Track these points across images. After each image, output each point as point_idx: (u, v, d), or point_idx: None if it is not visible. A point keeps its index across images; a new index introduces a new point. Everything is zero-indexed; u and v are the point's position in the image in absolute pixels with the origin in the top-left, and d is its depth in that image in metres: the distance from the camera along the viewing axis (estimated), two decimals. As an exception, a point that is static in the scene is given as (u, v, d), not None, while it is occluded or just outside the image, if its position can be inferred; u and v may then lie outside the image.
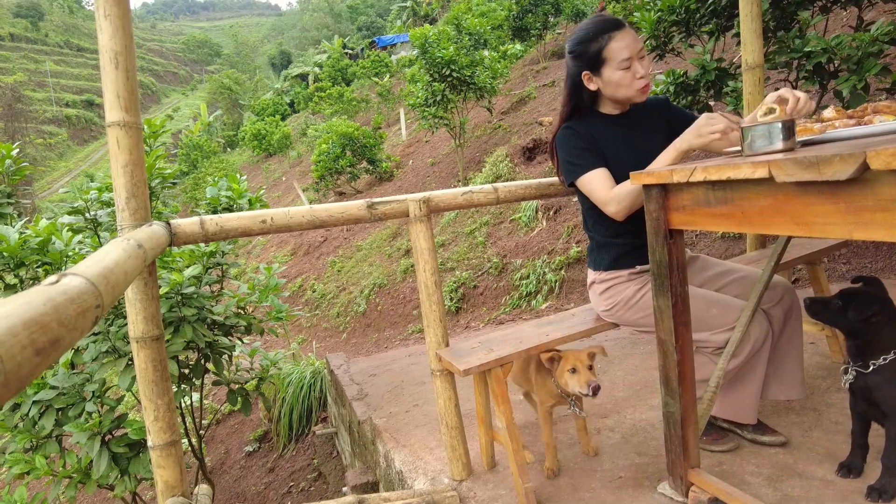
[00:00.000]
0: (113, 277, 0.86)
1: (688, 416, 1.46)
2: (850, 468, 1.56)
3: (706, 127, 1.48)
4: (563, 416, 2.33)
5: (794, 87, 3.61)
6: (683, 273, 1.41)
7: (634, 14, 4.06)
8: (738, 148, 1.37)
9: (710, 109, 3.87)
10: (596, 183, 1.69)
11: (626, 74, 1.70)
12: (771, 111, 1.38)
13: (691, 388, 1.46)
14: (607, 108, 1.83)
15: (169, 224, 1.66)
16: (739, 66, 2.94)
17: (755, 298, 1.60)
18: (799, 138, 1.31)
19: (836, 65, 3.14)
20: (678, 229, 1.37)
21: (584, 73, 1.76)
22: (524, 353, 1.79)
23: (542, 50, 14.09)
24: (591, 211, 1.85)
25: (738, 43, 2.83)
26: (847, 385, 1.50)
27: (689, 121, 1.88)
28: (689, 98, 3.78)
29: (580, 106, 1.82)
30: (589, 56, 1.72)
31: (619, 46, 1.67)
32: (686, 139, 1.52)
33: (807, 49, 3.08)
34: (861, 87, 2.91)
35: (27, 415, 2.36)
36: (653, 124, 1.83)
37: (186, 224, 1.69)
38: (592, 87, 1.77)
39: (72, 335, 0.61)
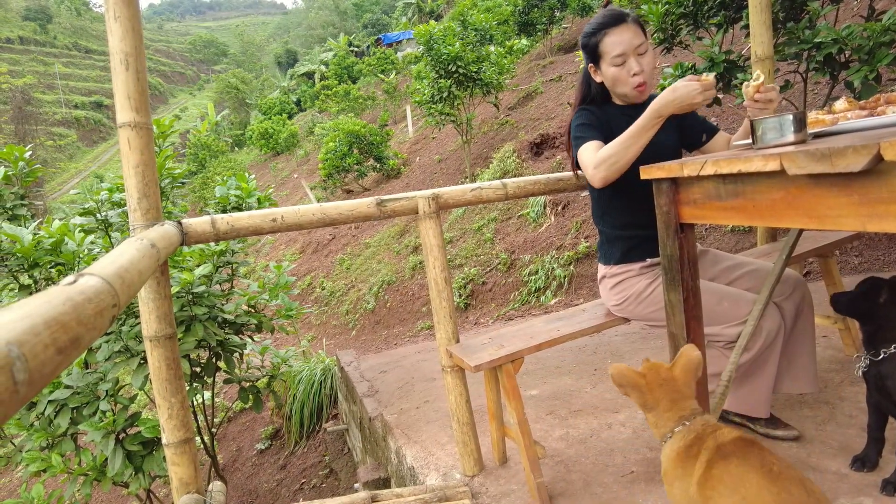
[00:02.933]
0: (128, 277, 0.87)
1: (700, 410, 1.46)
2: (865, 461, 1.55)
3: (689, 98, 1.45)
4: (575, 410, 2.33)
5: (805, 79, 3.58)
6: (695, 267, 1.40)
7: (642, 7, 4.03)
8: (749, 141, 1.36)
9: (718, 102, 3.85)
10: (587, 151, 1.66)
11: (621, 71, 1.70)
12: (759, 77, 1.53)
13: (703, 382, 1.45)
14: (619, 100, 1.83)
15: (180, 223, 1.68)
16: (748, 59, 2.91)
17: (767, 292, 1.60)
18: (810, 130, 1.30)
19: (846, 55, 3.10)
20: (689, 223, 1.36)
21: (590, 65, 1.78)
22: (534, 349, 1.79)
23: (549, 45, 14.02)
24: (600, 201, 1.85)
25: (748, 35, 2.80)
26: (860, 372, 1.49)
27: (700, 126, 1.87)
28: (698, 91, 3.75)
29: (591, 98, 1.83)
30: (589, 49, 1.75)
31: (613, 42, 1.67)
32: (666, 109, 1.49)
33: (817, 40, 3.05)
34: (873, 78, 2.88)
35: (43, 413, 2.39)
36: (666, 120, 1.82)
37: (198, 223, 1.71)
38: (598, 79, 1.80)
39: (91, 334, 0.62)
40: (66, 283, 0.67)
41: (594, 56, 1.74)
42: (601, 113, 1.78)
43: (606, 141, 1.70)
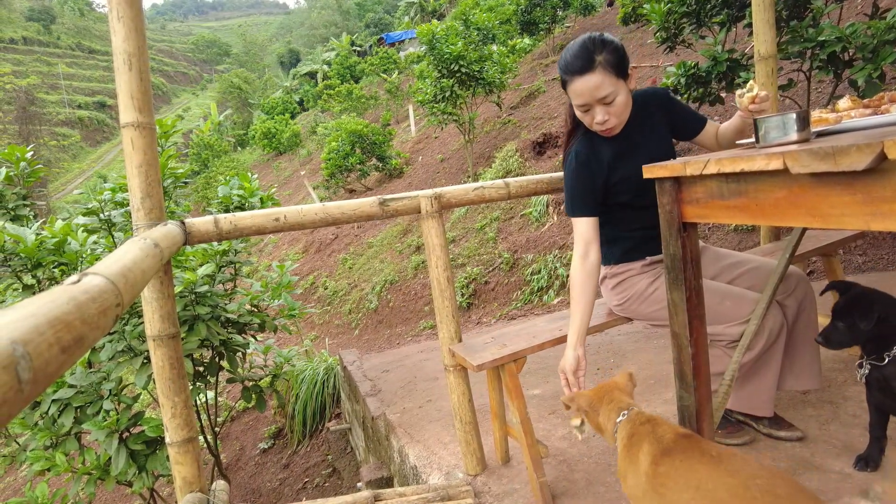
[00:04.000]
0: (132, 276, 0.87)
1: (703, 409, 1.45)
2: (868, 461, 1.54)
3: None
4: (577, 410, 2.33)
5: (808, 78, 3.56)
6: (698, 266, 1.40)
7: (644, 6, 4.02)
8: (752, 139, 1.36)
9: (721, 101, 3.84)
10: (578, 233, 1.73)
11: (585, 116, 1.68)
12: (750, 89, 1.55)
13: (706, 381, 1.45)
14: None
15: (183, 223, 1.68)
16: (751, 57, 2.90)
17: (770, 291, 1.59)
18: (814, 129, 1.30)
19: (850, 54, 3.10)
20: (692, 222, 1.36)
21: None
22: (537, 349, 1.79)
23: (551, 44, 14.01)
24: (601, 213, 1.84)
25: (751, 33, 2.80)
26: (862, 379, 1.49)
27: (691, 119, 1.85)
28: (701, 90, 3.74)
29: (577, 120, 1.77)
30: (562, 82, 1.69)
31: (575, 91, 1.63)
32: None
33: (820, 38, 3.04)
34: (876, 76, 2.87)
35: (47, 413, 2.40)
36: (653, 119, 1.79)
37: (201, 223, 1.71)
38: None
39: (94, 333, 0.62)
40: (70, 282, 0.67)
41: (564, 89, 1.70)
42: (590, 150, 1.74)
43: (592, 179, 1.72)
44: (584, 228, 1.71)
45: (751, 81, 1.62)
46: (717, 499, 1.01)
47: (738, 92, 1.60)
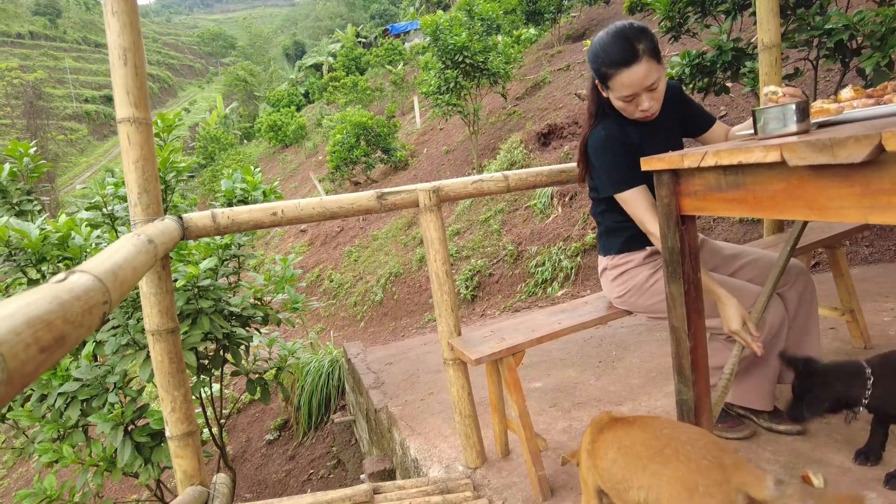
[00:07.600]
0: (122, 273, 0.87)
1: (701, 403, 1.44)
2: (868, 455, 1.53)
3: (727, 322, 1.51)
4: (578, 402, 2.32)
5: (815, 66, 3.51)
6: (696, 259, 1.39)
7: (649, -5, 3.97)
8: (751, 130, 1.34)
9: (727, 91, 3.80)
10: (638, 203, 1.64)
11: (628, 105, 1.65)
12: (774, 93, 1.45)
13: (705, 375, 1.44)
14: None
15: (181, 218, 1.68)
16: (757, 46, 2.86)
17: (771, 283, 1.58)
18: (814, 120, 1.28)
19: (858, 42, 3.05)
20: (690, 215, 1.34)
21: (597, 81, 1.72)
22: (536, 343, 1.78)
23: (557, 34, 13.88)
24: (601, 201, 1.83)
25: (756, 22, 2.75)
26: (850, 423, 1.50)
27: (701, 115, 1.84)
28: (706, 80, 3.70)
29: (602, 105, 1.76)
30: (600, 74, 1.66)
31: (624, 83, 1.59)
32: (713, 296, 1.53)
33: (828, 26, 3.00)
34: (885, 64, 2.82)
35: (53, 406, 2.42)
36: (670, 111, 1.78)
37: (198, 218, 1.71)
38: (605, 94, 1.73)
39: (78, 332, 0.62)
40: (56, 280, 0.67)
41: (603, 82, 1.67)
42: (619, 130, 1.71)
43: (625, 154, 1.66)
44: (642, 199, 1.64)
45: (773, 87, 1.55)
46: (633, 451, 1.21)
47: (766, 90, 1.53)
